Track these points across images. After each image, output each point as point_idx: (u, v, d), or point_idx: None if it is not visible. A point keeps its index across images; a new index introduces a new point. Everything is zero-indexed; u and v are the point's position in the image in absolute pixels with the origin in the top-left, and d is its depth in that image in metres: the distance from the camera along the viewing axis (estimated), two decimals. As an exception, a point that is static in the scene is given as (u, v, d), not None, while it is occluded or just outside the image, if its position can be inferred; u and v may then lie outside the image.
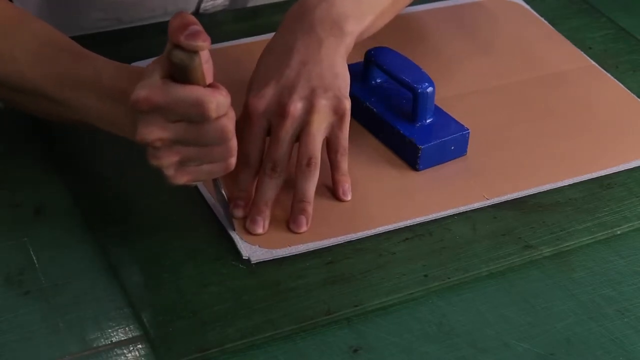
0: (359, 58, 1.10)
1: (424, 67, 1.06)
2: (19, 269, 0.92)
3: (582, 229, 0.99)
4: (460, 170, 1.05)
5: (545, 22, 1.28)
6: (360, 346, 0.87)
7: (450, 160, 1.05)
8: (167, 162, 0.87)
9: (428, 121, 1.05)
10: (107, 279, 0.91)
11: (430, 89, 1.04)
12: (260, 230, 0.96)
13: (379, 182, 1.02)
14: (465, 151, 1.06)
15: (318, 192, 0.99)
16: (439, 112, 1.06)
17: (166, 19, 1.22)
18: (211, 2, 1.25)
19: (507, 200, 1.01)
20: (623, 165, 1.06)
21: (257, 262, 0.93)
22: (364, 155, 1.05)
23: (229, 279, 0.91)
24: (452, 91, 1.13)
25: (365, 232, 0.97)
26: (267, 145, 0.97)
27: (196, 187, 1.00)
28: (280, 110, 0.96)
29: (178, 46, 0.83)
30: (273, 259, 0.93)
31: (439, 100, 1.06)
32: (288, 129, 0.95)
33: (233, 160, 0.89)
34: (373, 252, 0.95)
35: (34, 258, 0.93)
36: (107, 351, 0.85)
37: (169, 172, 0.88)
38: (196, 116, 0.85)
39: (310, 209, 0.97)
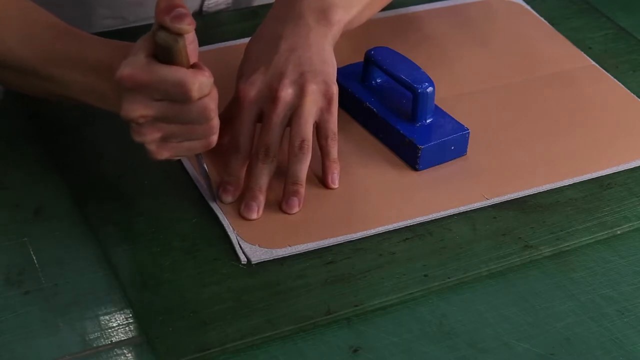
0: (359, 58, 1.10)
1: (423, 67, 1.06)
2: (19, 269, 0.92)
3: (582, 229, 0.99)
4: (460, 170, 1.05)
5: (546, 22, 1.28)
6: (360, 346, 0.87)
7: (450, 160, 1.05)
8: (150, 138, 0.89)
9: (428, 121, 1.05)
10: (107, 279, 0.91)
11: (430, 89, 1.04)
12: (254, 216, 0.97)
13: (379, 182, 1.02)
14: (465, 151, 1.06)
15: (318, 192, 1.00)
16: (439, 112, 1.06)
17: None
18: (214, 1, 1.25)
19: (507, 200, 1.01)
20: (623, 165, 1.06)
21: (257, 262, 0.93)
22: (364, 155, 1.05)
23: (229, 279, 0.91)
24: (452, 91, 1.13)
25: (365, 232, 0.97)
26: (258, 132, 0.98)
27: (189, 177, 1.00)
28: (271, 95, 0.97)
29: (163, 27, 0.85)
30: (273, 259, 0.93)
31: (439, 100, 1.06)
32: (280, 114, 0.97)
33: (214, 138, 0.91)
34: (373, 252, 0.95)
35: (34, 258, 0.93)
36: (107, 351, 0.85)
37: (151, 147, 0.90)
38: (179, 96, 0.87)
39: (302, 190, 0.98)
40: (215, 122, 0.90)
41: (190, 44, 0.88)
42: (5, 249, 0.94)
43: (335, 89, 0.98)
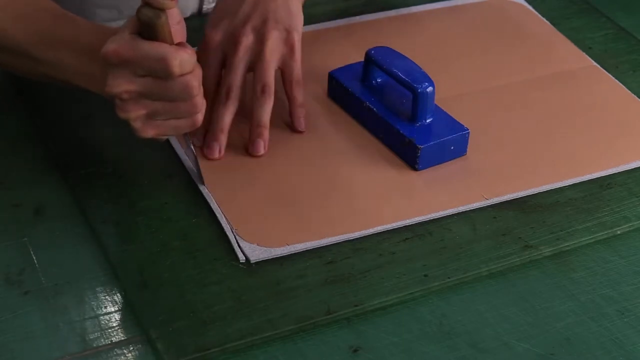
0: (359, 58, 1.11)
1: (424, 67, 1.06)
2: (19, 269, 0.92)
3: (582, 229, 0.99)
4: (460, 170, 1.05)
5: (547, 22, 1.28)
6: (360, 346, 0.87)
7: (450, 160, 1.05)
8: (134, 115, 0.92)
9: (428, 121, 1.05)
10: (107, 279, 0.91)
11: (430, 89, 1.04)
12: (216, 155, 1.01)
13: (379, 182, 1.02)
14: (465, 151, 1.06)
15: (317, 191, 1.00)
16: (439, 112, 1.06)
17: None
18: (213, 3, 1.25)
19: (507, 200, 1.01)
20: (623, 165, 1.06)
21: (257, 262, 0.93)
22: (364, 155, 1.05)
23: (229, 279, 0.91)
24: (452, 91, 1.13)
25: (365, 231, 0.97)
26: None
27: (189, 177, 1.00)
28: (233, 39, 1.02)
29: (147, 4, 0.88)
30: (273, 259, 0.93)
31: (439, 100, 1.06)
32: (241, 57, 1.01)
33: (199, 117, 0.94)
34: (373, 252, 0.95)
35: (34, 258, 0.93)
36: (107, 351, 0.85)
37: (136, 124, 0.92)
38: (160, 71, 0.89)
39: (266, 133, 1.02)
40: (199, 100, 0.92)
41: (177, 24, 0.92)
42: (5, 249, 0.94)
43: (296, 36, 1.03)
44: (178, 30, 0.92)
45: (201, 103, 0.93)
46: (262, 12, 1.03)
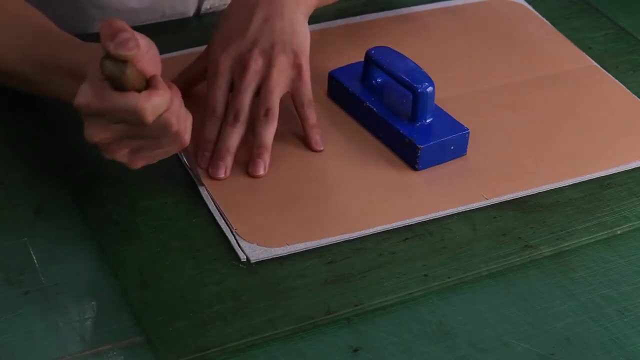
0: (360, 58, 1.11)
1: (424, 67, 1.06)
2: (19, 269, 0.92)
3: (582, 229, 0.99)
4: (460, 170, 1.05)
5: (547, 22, 1.28)
6: (360, 346, 0.87)
7: (450, 160, 1.05)
8: (119, 155, 0.91)
9: (428, 121, 1.05)
10: (107, 279, 0.91)
11: (430, 89, 1.04)
12: (221, 175, 1.01)
13: (379, 182, 1.02)
14: (465, 151, 1.06)
15: (317, 191, 1.00)
16: (439, 112, 1.06)
17: (164, 20, 1.23)
18: (211, 3, 1.25)
19: (507, 200, 1.01)
20: (623, 165, 1.06)
21: (256, 262, 0.93)
22: (364, 155, 1.05)
23: (228, 279, 0.91)
24: (452, 91, 1.13)
25: (365, 231, 0.97)
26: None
27: (189, 177, 1.00)
28: (242, 64, 1.02)
29: (109, 55, 0.84)
30: (273, 259, 0.93)
31: (439, 100, 1.06)
32: (249, 82, 1.02)
33: (187, 138, 0.92)
34: (373, 252, 0.95)
35: (34, 258, 0.93)
36: (107, 351, 0.85)
37: (124, 160, 0.92)
38: (134, 121, 0.87)
39: (267, 155, 1.02)
40: (181, 128, 0.90)
41: (147, 53, 0.87)
42: (5, 249, 0.94)
43: (304, 59, 1.03)
44: (149, 60, 0.88)
45: (184, 128, 0.90)
46: (269, 34, 1.03)
